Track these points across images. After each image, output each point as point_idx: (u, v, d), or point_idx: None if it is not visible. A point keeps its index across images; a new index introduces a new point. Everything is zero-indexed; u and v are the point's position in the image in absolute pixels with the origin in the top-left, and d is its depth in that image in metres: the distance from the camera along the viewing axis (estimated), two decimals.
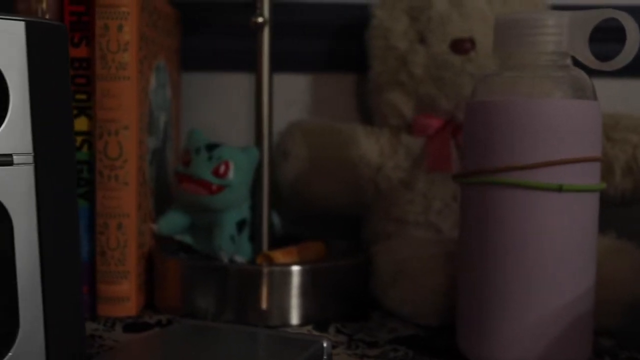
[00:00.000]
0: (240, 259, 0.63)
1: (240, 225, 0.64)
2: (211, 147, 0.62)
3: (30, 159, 0.40)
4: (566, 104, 0.46)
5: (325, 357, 0.43)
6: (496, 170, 0.46)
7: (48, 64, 0.41)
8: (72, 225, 0.43)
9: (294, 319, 0.60)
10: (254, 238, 0.65)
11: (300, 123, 0.73)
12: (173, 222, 0.65)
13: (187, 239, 0.66)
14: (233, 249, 0.63)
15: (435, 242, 0.62)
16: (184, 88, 0.79)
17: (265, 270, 0.60)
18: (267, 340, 0.44)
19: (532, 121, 0.45)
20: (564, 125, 0.45)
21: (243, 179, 0.63)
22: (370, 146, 0.69)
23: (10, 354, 0.40)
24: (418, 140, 0.68)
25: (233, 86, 0.80)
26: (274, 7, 0.63)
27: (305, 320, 0.60)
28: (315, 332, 0.57)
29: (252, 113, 0.79)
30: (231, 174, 0.62)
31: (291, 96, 0.79)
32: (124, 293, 0.59)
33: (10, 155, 0.40)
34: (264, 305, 0.59)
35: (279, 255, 0.62)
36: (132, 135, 0.58)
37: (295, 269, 0.60)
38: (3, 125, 0.39)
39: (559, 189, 0.45)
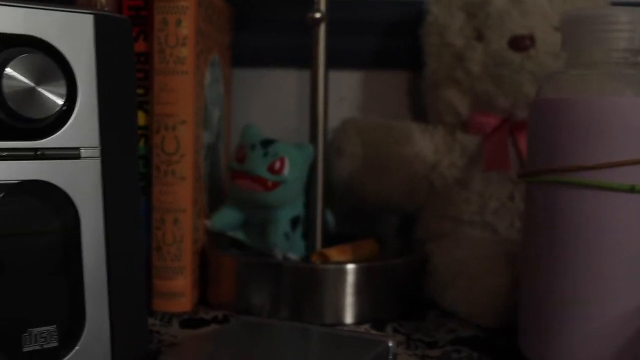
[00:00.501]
0: (293, 256, 0.63)
1: (294, 222, 0.63)
2: (266, 143, 0.62)
3: (97, 152, 0.40)
4: (639, 102, 0.45)
5: (390, 357, 0.43)
6: (565, 170, 0.45)
7: (114, 57, 0.41)
8: (135, 219, 0.43)
9: (348, 317, 0.59)
10: (308, 235, 0.64)
11: (354, 120, 0.72)
12: (227, 218, 0.65)
13: (240, 235, 0.66)
14: (287, 246, 0.63)
15: (494, 242, 0.61)
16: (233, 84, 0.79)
17: (320, 268, 0.59)
18: (332, 339, 0.44)
19: (604, 119, 0.44)
20: (637, 124, 0.44)
21: (298, 176, 0.62)
22: (425, 144, 0.68)
23: (77, 347, 0.40)
24: (474, 138, 0.67)
25: (281, 83, 0.80)
26: (328, 3, 0.63)
27: (359, 319, 0.59)
28: (372, 331, 0.57)
29: (301, 110, 0.79)
30: (286, 171, 0.61)
31: (342, 93, 0.78)
32: (179, 288, 0.59)
33: (78, 148, 0.40)
34: (318, 303, 0.59)
35: (333, 253, 0.62)
36: (188, 130, 0.58)
37: (350, 267, 0.59)
38: (71, 119, 0.39)
39: (631, 190, 0.43)
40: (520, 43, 0.63)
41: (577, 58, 0.47)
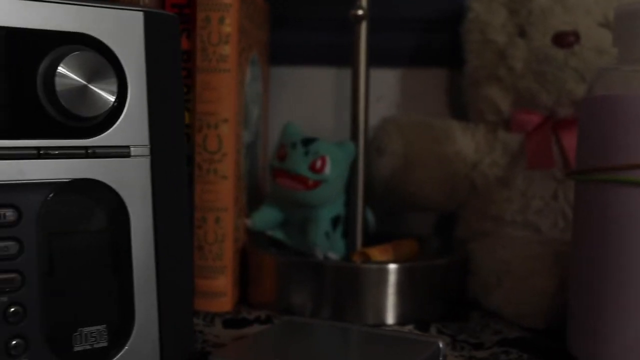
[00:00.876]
0: (333, 255, 0.63)
1: (335, 221, 0.63)
2: (307, 141, 0.62)
3: (146, 151, 0.40)
4: None
5: (441, 358, 0.42)
6: (618, 168, 0.44)
7: (163, 55, 0.41)
8: (183, 218, 0.43)
9: (390, 318, 0.59)
10: (348, 234, 0.64)
11: (394, 118, 0.71)
12: (267, 217, 0.64)
13: (279, 234, 0.65)
14: (327, 245, 0.62)
15: (538, 242, 0.60)
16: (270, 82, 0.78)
17: (362, 267, 0.59)
18: (381, 339, 0.43)
19: None
20: None
21: (339, 174, 0.62)
22: (466, 142, 0.68)
23: (126, 347, 0.39)
24: (515, 136, 0.66)
25: (318, 81, 0.79)
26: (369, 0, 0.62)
27: (401, 319, 0.58)
28: (416, 332, 0.56)
29: (338, 108, 0.78)
30: (327, 169, 0.61)
31: (380, 91, 0.77)
32: (220, 288, 0.59)
33: (128, 147, 0.39)
34: (359, 303, 0.58)
35: (375, 253, 0.61)
36: (231, 129, 0.58)
37: (392, 266, 0.59)
38: (121, 117, 0.39)
39: None
40: (564, 39, 0.62)
41: (629, 53, 0.46)
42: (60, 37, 0.37)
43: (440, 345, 0.42)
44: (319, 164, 0.60)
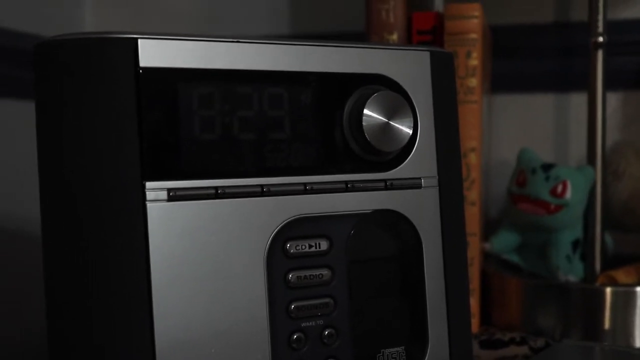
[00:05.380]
0: (573, 278, 0.63)
1: (575, 244, 0.63)
2: (547, 167, 0.63)
3: (435, 182, 0.43)
4: None
5: None
6: None
7: (445, 90, 0.44)
8: (464, 245, 0.45)
9: (638, 341, 0.58)
10: (586, 257, 0.64)
11: (630, 142, 0.71)
12: (505, 241, 0.66)
13: (514, 257, 0.67)
14: (568, 268, 0.63)
15: None
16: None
17: (609, 290, 0.59)
18: None
19: None
20: None
21: (579, 199, 0.62)
22: None
23: None
24: None
25: (535, 107, 0.80)
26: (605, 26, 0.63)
27: None
28: None
29: (557, 133, 0.78)
30: (568, 194, 0.61)
31: None
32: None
33: (420, 178, 0.42)
34: (607, 325, 0.58)
35: (621, 275, 0.61)
36: (477, 157, 0.60)
37: None
38: (413, 151, 0.42)
39: None
40: None
41: None
42: (361, 78, 0.40)
43: None
44: (560, 188, 0.61)
